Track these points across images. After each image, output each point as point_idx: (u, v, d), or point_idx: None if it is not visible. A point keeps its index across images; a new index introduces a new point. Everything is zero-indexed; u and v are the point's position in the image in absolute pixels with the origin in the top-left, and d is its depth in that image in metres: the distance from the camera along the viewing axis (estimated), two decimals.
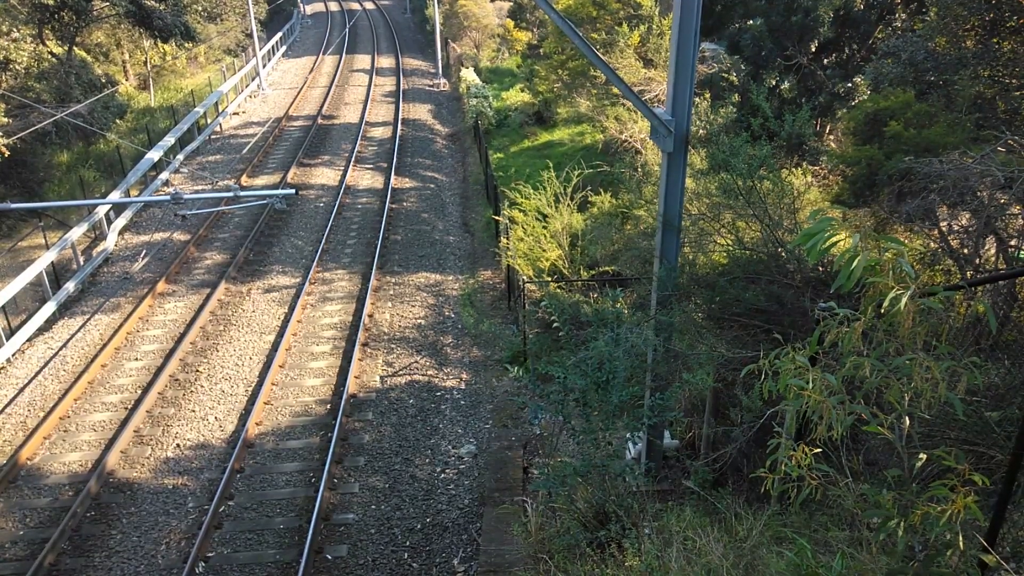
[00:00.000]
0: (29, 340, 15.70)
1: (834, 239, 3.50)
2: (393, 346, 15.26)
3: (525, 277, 16.13)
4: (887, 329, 3.43)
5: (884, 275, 3.32)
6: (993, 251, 9.64)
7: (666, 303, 8.75)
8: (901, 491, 3.64)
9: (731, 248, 9.81)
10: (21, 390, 13.82)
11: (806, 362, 3.61)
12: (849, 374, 3.47)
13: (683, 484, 9.26)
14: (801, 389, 3.49)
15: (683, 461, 9.99)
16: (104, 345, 15.08)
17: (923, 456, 3.54)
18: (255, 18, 37.71)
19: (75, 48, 29.87)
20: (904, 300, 3.22)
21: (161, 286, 17.55)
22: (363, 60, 45.45)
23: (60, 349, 15.04)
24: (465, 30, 45.27)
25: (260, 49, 38.32)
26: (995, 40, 13.11)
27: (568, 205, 17.68)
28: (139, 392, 13.74)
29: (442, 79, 40.14)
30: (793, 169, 16.84)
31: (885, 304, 3.25)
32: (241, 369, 14.45)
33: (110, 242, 19.77)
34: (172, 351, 14.89)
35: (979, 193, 9.22)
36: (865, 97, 18.34)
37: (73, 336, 15.31)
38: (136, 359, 14.84)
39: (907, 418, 3.67)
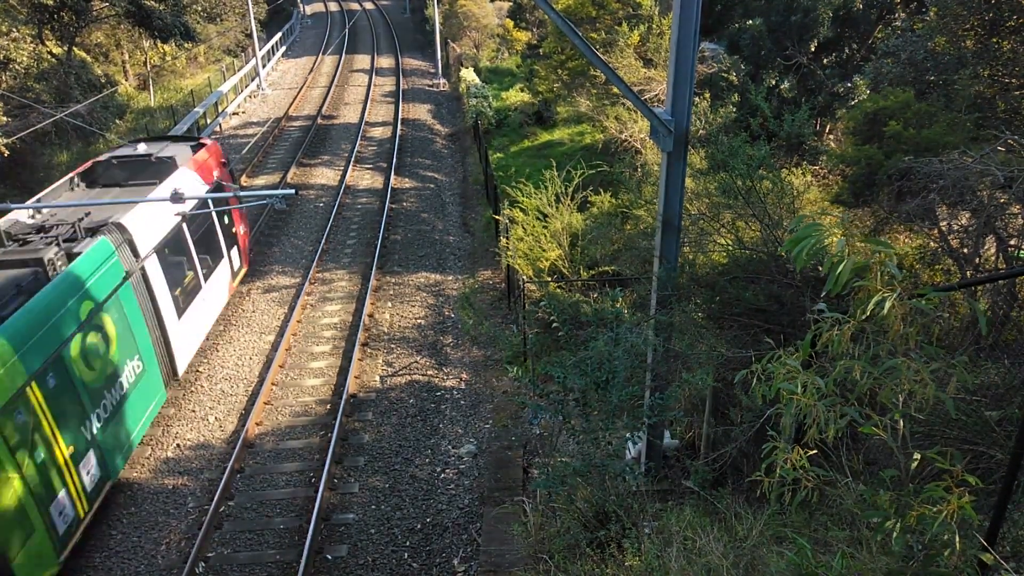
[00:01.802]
0: None
1: (822, 244, 3.49)
2: (393, 346, 15.26)
3: (525, 277, 16.13)
4: (878, 331, 3.44)
5: (872, 278, 3.32)
6: (993, 250, 9.64)
7: (666, 303, 8.74)
8: (898, 492, 3.64)
9: (731, 248, 9.82)
10: None
11: (797, 366, 3.61)
12: (841, 376, 3.47)
13: (683, 484, 9.26)
14: (792, 393, 3.49)
15: (683, 461, 9.99)
16: None
17: (917, 457, 3.55)
18: (255, 18, 37.71)
19: (75, 48, 29.86)
20: (889, 303, 3.22)
21: None
22: (363, 60, 45.47)
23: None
24: (465, 30, 45.26)
25: (260, 49, 38.34)
26: (995, 40, 13.11)
27: (568, 205, 17.68)
28: None
29: (442, 79, 40.13)
30: (793, 169, 16.83)
31: (870, 307, 3.25)
32: (241, 369, 14.45)
33: None
34: None
35: (979, 193, 9.22)
36: (865, 97, 18.34)
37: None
38: None
39: (901, 419, 3.67)
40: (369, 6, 72.28)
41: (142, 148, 14.91)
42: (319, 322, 16.15)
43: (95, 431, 10.34)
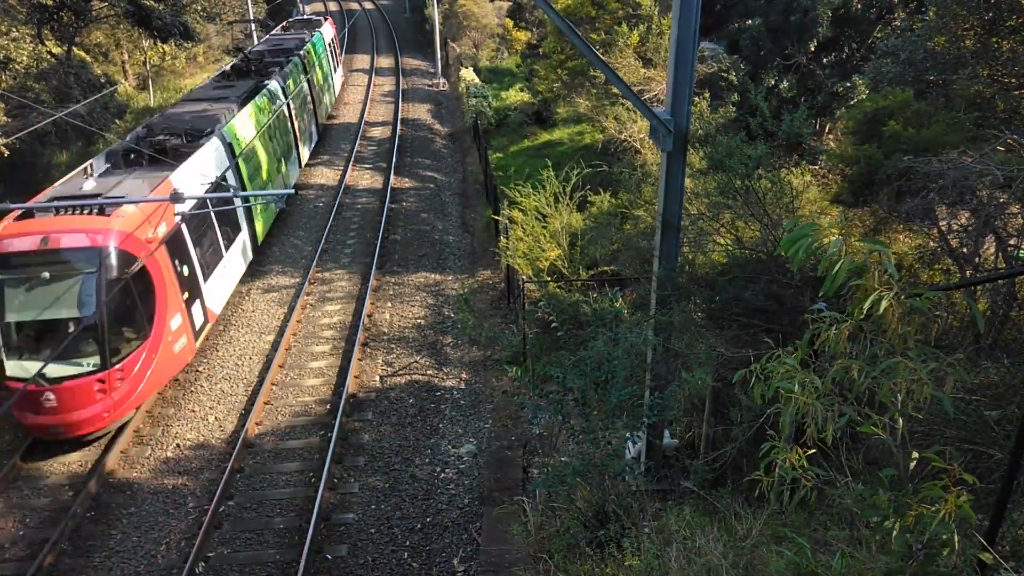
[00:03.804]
0: None
1: (821, 243, 3.49)
2: (393, 346, 15.26)
3: (525, 277, 16.13)
4: (875, 330, 3.44)
5: (870, 278, 3.32)
6: (992, 250, 9.64)
7: (665, 303, 8.74)
8: (897, 491, 3.65)
9: (730, 248, 9.82)
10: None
11: (795, 365, 3.61)
12: (839, 376, 3.47)
13: (682, 484, 9.26)
14: (790, 392, 3.49)
15: (683, 460, 9.99)
16: None
17: (916, 456, 3.55)
18: (254, 18, 37.67)
19: (74, 48, 29.84)
20: (884, 302, 3.23)
21: None
22: (362, 60, 45.42)
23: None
24: (464, 30, 45.24)
25: None
26: (994, 39, 13.10)
27: (567, 205, 17.68)
28: None
29: (441, 79, 40.12)
30: (792, 169, 16.82)
31: (866, 305, 3.25)
32: (241, 369, 14.45)
33: None
34: None
35: (978, 192, 9.23)
36: (864, 96, 18.34)
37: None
38: None
39: (900, 418, 3.67)
40: (369, 6, 72.14)
41: (306, 16, 38.33)
42: (319, 322, 16.15)
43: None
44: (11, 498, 11.31)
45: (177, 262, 13.28)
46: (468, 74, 36.23)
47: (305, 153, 24.69)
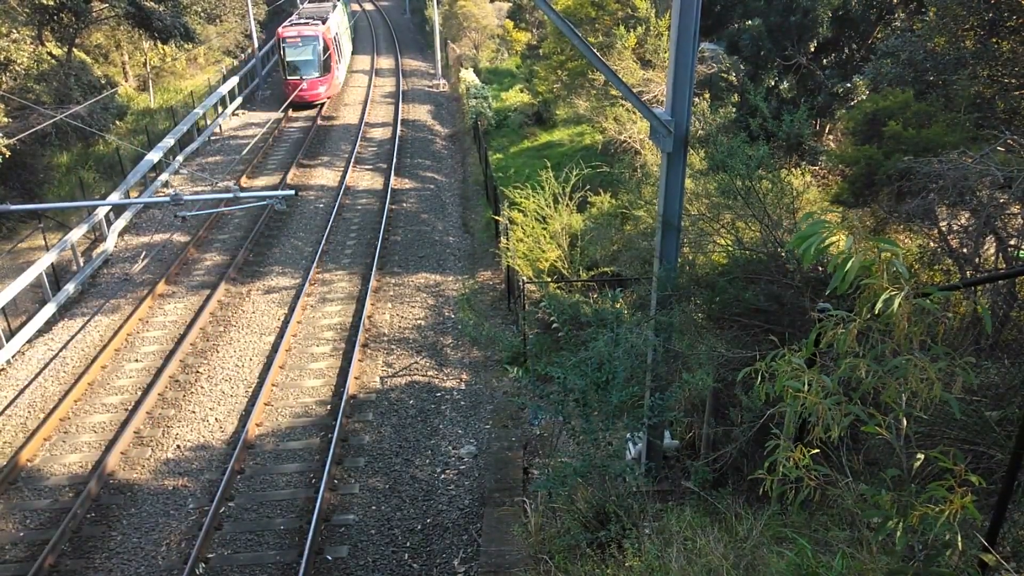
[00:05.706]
0: (29, 342, 15.71)
1: (829, 241, 3.50)
2: (393, 347, 15.27)
3: (525, 277, 16.13)
4: (883, 330, 3.43)
5: (879, 276, 3.32)
6: (993, 250, 9.64)
7: (666, 303, 8.74)
8: (900, 491, 3.64)
9: (731, 248, 9.82)
10: (21, 391, 13.80)
11: (803, 364, 3.60)
12: (845, 375, 3.47)
13: (683, 484, 9.26)
14: (797, 391, 3.49)
15: (683, 461, 9.98)
16: (104, 346, 15.08)
17: (921, 456, 3.54)
18: (254, 19, 37.73)
19: (74, 50, 29.85)
20: (898, 301, 3.22)
21: (161, 287, 17.55)
22: (362, 61, 45.45)
23: (60, 350, 15.03)
24: (464, 31, 45.27)
25: (260, 50, 38.33)
26: (994, 40, 13.11)
27: (567, 205, 17.67)
28: (139, 393, 13.74)
29: (441, 80, 40.13)
30: (792, 169, 16.82)
31: (878, 305, 3.25)
32: (241, 370, 14.45)
33: (110, 243, 19.77)
34: (172, 352, 14.90)
35: (978, 192, 9.22)
36: (864, 97, 18.35)
37: (73, 337, 15.30)
38: (136, 360, 14.84)
39: (904, 418, 3.67)
40: (369, 7, 72.17)
41: None
42: (319, 323, 16.15)
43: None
44: (11, 499, 11.32)
45: (335, 49, 33.94)
46: (468, 75, 36.24)
47: (350, 47, 44.63)
